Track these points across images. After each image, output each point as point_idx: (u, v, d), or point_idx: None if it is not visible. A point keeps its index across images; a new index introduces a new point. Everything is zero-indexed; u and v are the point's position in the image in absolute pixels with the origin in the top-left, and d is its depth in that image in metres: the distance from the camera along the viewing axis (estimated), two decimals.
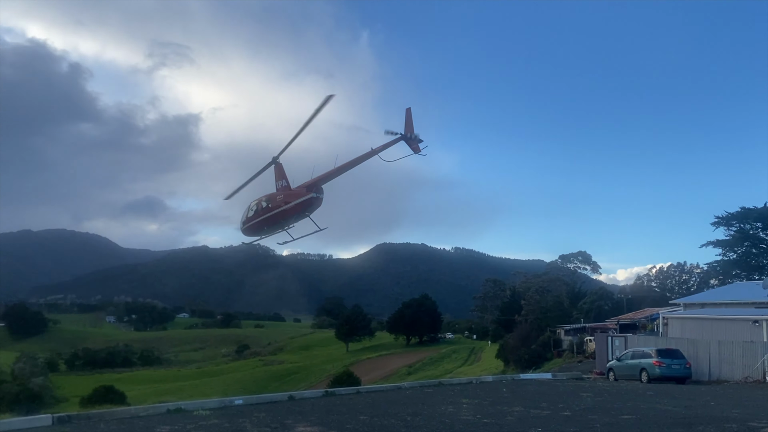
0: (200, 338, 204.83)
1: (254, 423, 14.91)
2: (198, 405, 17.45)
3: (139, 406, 17.07)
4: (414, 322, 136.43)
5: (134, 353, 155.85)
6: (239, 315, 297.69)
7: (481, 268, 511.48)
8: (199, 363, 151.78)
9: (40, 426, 14.66)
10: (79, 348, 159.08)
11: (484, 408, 18.19)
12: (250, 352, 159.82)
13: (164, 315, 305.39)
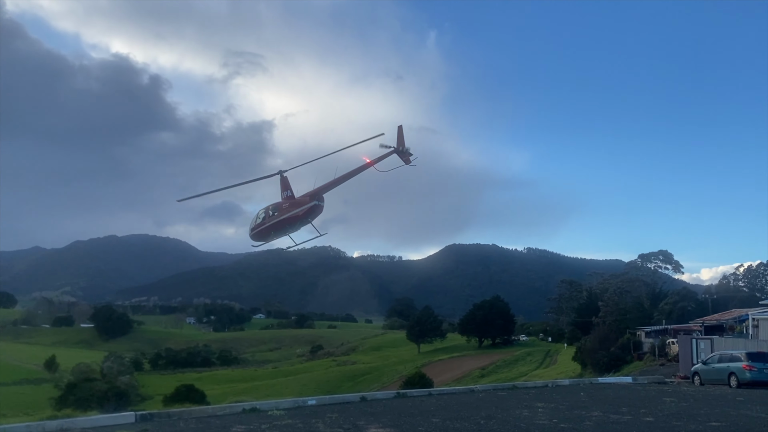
0: (276, 338, 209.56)
1: (327, 424, 14.98)
2: (272, 405, 17.72)
3: (216, 406, 17.51)
4: (486, 323, 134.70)
5: (213, 353, 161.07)
6: (313, 316, 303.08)
7: (555, 269, 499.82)
8: (275, 363, 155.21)
9: (124, 423, 15.25)
10: (162, 348, 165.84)
11: (560, 412, 17.61)
12: (323, 353, 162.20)
13: (241, 316, 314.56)
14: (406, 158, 21.45)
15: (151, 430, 14.17)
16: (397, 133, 20.68)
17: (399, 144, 20.97)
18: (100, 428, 14.70)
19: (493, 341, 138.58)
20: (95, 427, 14.79)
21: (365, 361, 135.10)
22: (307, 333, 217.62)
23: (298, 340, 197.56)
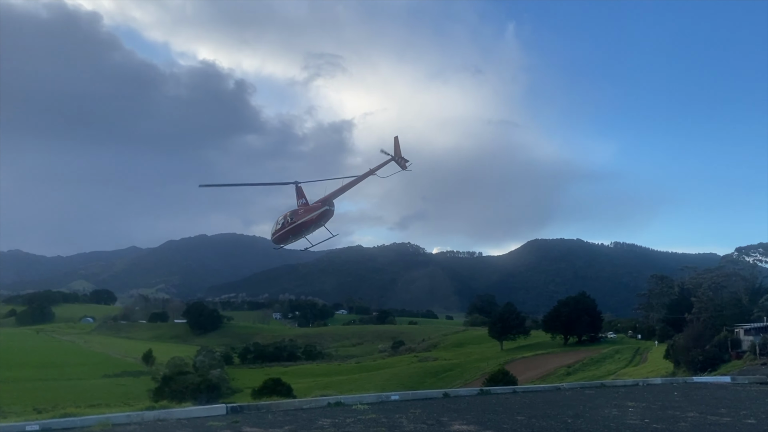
0: (358, 334, 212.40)
1: (410, 419, 15.04)
2: (356, 399, 17.97)
3: (302, 399, 17.96)
4: (571, 320, 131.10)
5: (298, 348, 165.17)
6: (393, 312, 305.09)
7: (644, 264, 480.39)
8: (358, 358, 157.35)
9: (216, 415, 15.89)
10: (250, 343, 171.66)
11: (653, 412, 16.89)
12: (405, 348, 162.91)
13: (324, 311, 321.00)
14: (402, 165, 23.63)
15: (241, 422, 14.69)
16: (394, 143, 23.41)
17: (396, 153, 23.34)
18: (193, 419, 15.38)
19: (579, 338, 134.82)
20: (189, 419, 15.49)
21: (447, 358, 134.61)
22: (388, 329, 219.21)
23: (380, 336, 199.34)
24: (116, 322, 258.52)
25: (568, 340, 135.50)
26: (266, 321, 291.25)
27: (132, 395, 79.97)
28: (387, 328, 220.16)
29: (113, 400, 68.87)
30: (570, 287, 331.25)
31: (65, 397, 75.29)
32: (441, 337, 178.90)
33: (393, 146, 23.54)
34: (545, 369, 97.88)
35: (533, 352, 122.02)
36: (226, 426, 14.11)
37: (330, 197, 23.50)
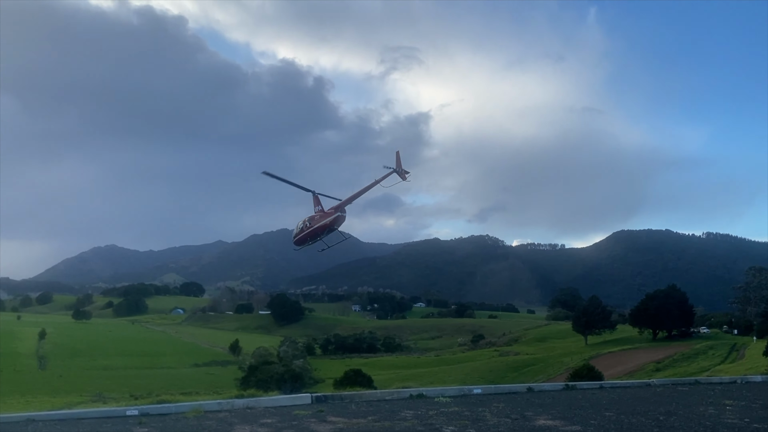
0: (437, 327, 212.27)
1: (494, 413, 14.84)
2: (438, 392, 17.91)
3: (384, 390, 18.09)
4: (660, 314, 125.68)
5: (378, 340, 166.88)
6: (472, 305, 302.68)
7: (740, 255, 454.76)
8: (437, 351, 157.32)
9: (300, 404, 16.26)
10: (331, 334, 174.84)
11: (753, 411, 15.91)
12: (485, 342, 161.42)
13: (402, 304, 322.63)
14: (402, 176, 26.26)
15: (326, 411, 14.96)
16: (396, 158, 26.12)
17: (397, 166, 26.07)
18: (280, 408, 15.79)
19: (669, 333, 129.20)
20: (276, 407, 15.92)
21: (529, 352, 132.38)
22: (467, 322, 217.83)
23: (459, 329, 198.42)
24: (204, 313, 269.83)
25: (657, 335, 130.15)
26: (346, 313, 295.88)
27: (220, 384, 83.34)
28: (466, 322, 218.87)
29: (203, 388, 72.09)
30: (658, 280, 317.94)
31: (159, 385, 79.39)
32: (522, 331, 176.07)
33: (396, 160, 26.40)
34: (633, 365, 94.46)
35: (620, 347, 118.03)
36: (312, 415, 14.41)
37: (341, 205, 26.03)
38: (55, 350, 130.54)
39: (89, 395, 62.58)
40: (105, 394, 64.16)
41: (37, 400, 56.91)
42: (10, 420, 14.07)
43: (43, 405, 47.72)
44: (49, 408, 34.42)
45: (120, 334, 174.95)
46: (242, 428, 12.88)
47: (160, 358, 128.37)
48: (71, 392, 69.66)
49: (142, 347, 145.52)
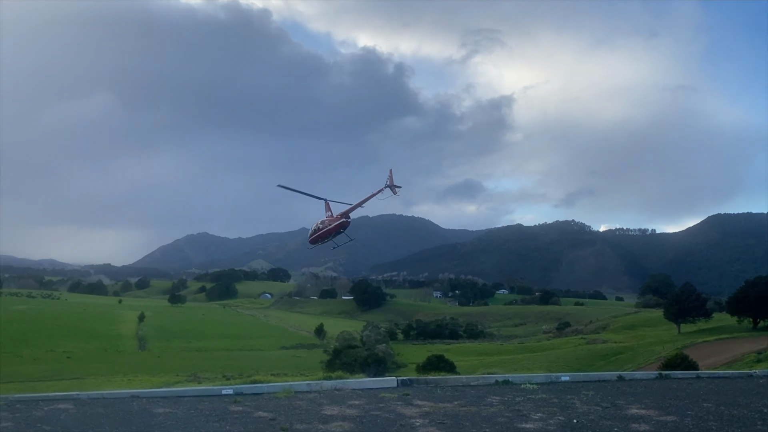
0: (520, 314, 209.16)
1: (583, 401, 14.51)
2: (525, 379, 17.67)
3: (470, 376, 18.02)
4: (762, 302, 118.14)
5: (460, 326, 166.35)
6: (557, 292, 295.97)
7: None
8: (521, 338, 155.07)
9: (387, 387, 16.48)
10: (413, 320, 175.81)
11: None
12: (570, 330, 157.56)
13: (485, 291, 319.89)
14: (393, 191, 29.52)
15: (412, 395, 15.10)
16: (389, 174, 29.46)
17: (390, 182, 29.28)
18: (367, 390, 16.08)
19: None
20: (363, 389, 16.22)
21: (617, 340, 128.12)
22: (552, 309, 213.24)
23: (544, 317, 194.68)
24: (291, 298, 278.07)
25: (758, 324, 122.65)
26: (427, 299, 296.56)
27: (306, 366, 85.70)
28: (551, 309, 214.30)
29: (290, 370, 74.35)
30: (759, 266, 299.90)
31: (249, 366, 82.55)
32: (610, 318, 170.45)
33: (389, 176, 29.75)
34: (731, 354, 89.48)
35: (716, 336, 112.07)
36: (398, 398, 14.58)
37: (346, 212, 30.05)
38: (154, 332, 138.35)
39: (185, 375, 65.98)
40: (199, 374, 67.43)
41: (138, 378, 60.61)
42: (116, 396, 15.07)
43: (144, 383, 50.79)
44: (149, 386, 36.57)
45: (212, 318, 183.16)
46: (331, 409, 13.22)
47: (249, 341, 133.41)
48: (169, 372, 73.69)
49: (233, 330, 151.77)
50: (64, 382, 59.94)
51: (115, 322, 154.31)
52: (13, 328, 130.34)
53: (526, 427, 11.44)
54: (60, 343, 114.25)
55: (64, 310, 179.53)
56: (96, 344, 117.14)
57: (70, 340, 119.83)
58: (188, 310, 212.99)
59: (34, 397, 14.96)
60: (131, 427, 11.37)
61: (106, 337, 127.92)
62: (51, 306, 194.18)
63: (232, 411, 13.07)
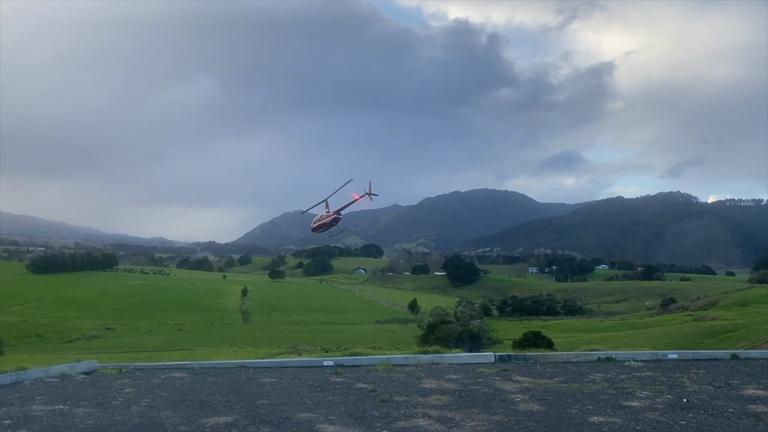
0: (621, 290, 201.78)
1: (693, 380, 13.81)
2: (629, 356, 17.04)
3: (570, 352, 17.61)
4: None
5: (557, 302, 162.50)
6: (661, 267, 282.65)
7: None
8: (622, 315, 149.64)
9: (484, 362, 16.39)
10: (508, 296, 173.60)
11: None
12: (676, 306, 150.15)
13: (583, 266, 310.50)
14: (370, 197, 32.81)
15: (510, 370, 14.94)
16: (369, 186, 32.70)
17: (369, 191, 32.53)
18: (464, 365, 16.07)
19: None
20: (460, 364, 16.23)
21: (728, 317, 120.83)
22: (655, 285, 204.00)
23: (646, 293, 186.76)
24: (384, 274, 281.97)
25: None
26: (522, 275, 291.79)
27: (401, 340, 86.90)
28: (654, 285, 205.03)
29: (385, 344, 75.66)
30: None
31: (345, 339, 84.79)
32: (720, 294, 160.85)
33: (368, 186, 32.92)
34: None
35: None
36: (496, 373, 14.47)
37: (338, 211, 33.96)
38: (256, 306, 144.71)
39: (286, 347, 68.57)
40: (299, 346, 69.93)
41: (243, 350, 63.64)
42: (226, 366, 15.92)
43: (248, 354, 53.29)
44: (253, 357, 38.37)
45: (309, 292, 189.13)
46: (429, 382, 13.32)
47: (345, 315, 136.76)
48: (271, 344, 76.85)
49: (329, 304, 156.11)
50: (176, 352, 64.02)
51: (220, 296, 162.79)
52: (129, 302, 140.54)
53: (632, 405, 11.04)
54: (171, 316, 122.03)
55: (173, 285, 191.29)
56: (203, 317, 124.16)
57: (180, 313, 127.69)
58: (287, 285, 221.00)
59: (152, 366, 16.08)
60: (240, 395, 11.96)
61: (212, 311, 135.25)
62: (162, 281, 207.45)
63: (334, 382, 13.46)
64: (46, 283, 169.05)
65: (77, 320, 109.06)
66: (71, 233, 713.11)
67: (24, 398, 11.47)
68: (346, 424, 9.53)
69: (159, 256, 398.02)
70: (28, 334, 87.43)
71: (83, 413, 10.22)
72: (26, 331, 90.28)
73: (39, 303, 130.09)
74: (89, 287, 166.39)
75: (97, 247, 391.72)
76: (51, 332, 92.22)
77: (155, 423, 9.53)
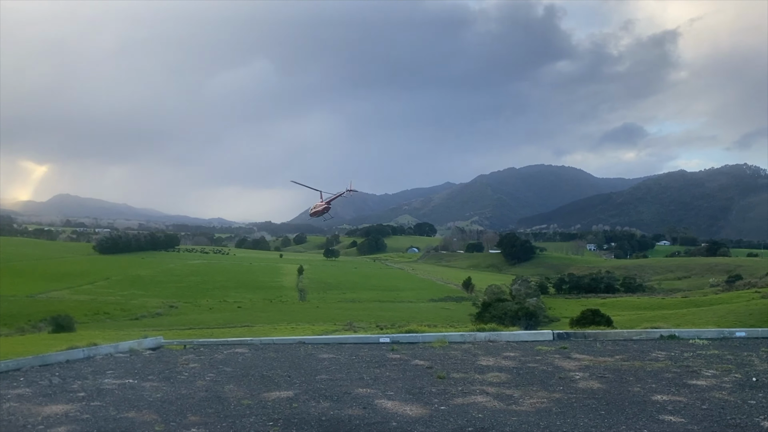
0: (684, 266, 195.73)
1: (763, 358, 13.30)
2: (693, 334, 16.53)
3: (631, 330, 17.18)
4: None
5: (616, 280, 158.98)
6: (727, 242, 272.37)
7: None
8: (684, 292, 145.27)
9: (542, 340, 16.21)
10: (565, 273, 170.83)
11: None
12: (742, 283, 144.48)
13: (643, 243, 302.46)
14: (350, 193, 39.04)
15: (569, 348, 14.73)
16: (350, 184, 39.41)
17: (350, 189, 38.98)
18: (521, 342, 15.94)
19: None
20: (518, 341, 16.10)
21: None
22: (720, 261, 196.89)
23: (711, 269, 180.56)
24: (437, 252, 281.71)
25: None
26: (580, 252, 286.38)
27: (455, 318, 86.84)
28: (719, 261, 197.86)
29: (439, 322, 75.79)
30: None
31: (400, 317, 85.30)
32: None
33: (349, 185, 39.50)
34: None
35: None
36: (555, 351, 14.29)
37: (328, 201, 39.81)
38: (311, 284, 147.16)
39: (341, 324, 69.60)
40: (355, 323, 70.82)
41: (301, 327, 64.93)
42: (285, 342, 16.27)
43: (306, 331, 54.34)
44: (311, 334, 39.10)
45: (364, 271, 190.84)
46: (486, 359, 13.27)
47: (399, 293, 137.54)
48: (327, 321, 78.11)
49: (383, 282, 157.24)
50: (236, 329, 65.91)
51: (277, 275, 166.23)
52: (191, 281, 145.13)
53: (697, 383, 10.72)
54: (231, 294, 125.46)
55: (232, 264, 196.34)
56: (262, 295, 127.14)
57: (239, 291, 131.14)
58: (341, 263, 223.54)
59: (215, 342, 16.59)
60: (300, 370, 12.21)
61: (270, 289, 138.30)
62: (222, 260, 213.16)
63: (390, 358, 13.58)
64: (113, 263, 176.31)
65: (142, 298, 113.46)
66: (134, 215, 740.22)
67: (96, 372, 12.03)
68: (404, 399, 9.60)
69: (218, 236, 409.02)
70: (97, 312, 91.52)
71: (151, 387, 10.65)
72: (95, 309, 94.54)
73: (106, 282, 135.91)
74: (153, 267, 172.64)
75: (159, 228, 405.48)
76: (118, 310, 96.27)
77: (219, 397, 9.84)
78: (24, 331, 65.27)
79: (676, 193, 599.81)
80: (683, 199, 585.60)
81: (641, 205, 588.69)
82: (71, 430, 7.87)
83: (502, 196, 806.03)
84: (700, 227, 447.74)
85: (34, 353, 14.42)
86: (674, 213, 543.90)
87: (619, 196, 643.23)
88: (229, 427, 8.05)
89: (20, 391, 10.31)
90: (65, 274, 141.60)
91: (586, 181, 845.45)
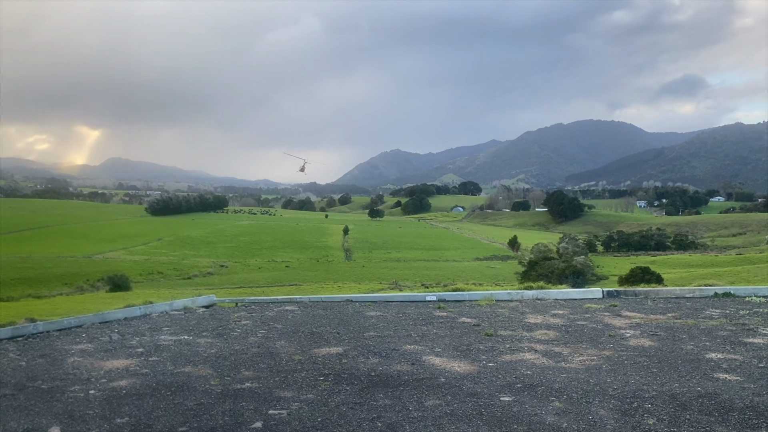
0: (739, 223, 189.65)
1: None
2: (750, 291, 16.03)
3: (684, 288, 16.76)
4: None
5: (667, 237, 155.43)
6: None
7: None
8: (739, 249, 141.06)
9: (591, 298, 16.00)
10: (613, 231, 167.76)
11: None
12: None
13: (696, 199, 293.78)
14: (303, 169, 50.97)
15: (620, 306, 14.51)
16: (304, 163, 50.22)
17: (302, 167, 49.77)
18: (570, 300, 15.77)
19: None
20: (566, 299, 15.93)
21: None
22: None
23: (767, 225, 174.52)
24: (482, 211, 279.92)
25: None
26: (629, 209, 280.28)
27: (501, 277, 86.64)
28: None
29: (485, 280, 75.75)
30: None
31: (445, 276, 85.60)
32: None
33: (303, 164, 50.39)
34: None
35: None
36: (605, 309, 14.09)
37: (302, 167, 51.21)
38: (357, 244, 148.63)
39: (387, 283, 70.32)
40: (400, 282, 71.45)
41: (347, 285, 65.88)
42: (333, 300, 16.52)
43: (352, 289, 55.13)
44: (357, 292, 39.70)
45: (408, 231, 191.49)
46: (534, 317, 13.19)
47: (444, 252, 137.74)
48: (372, 280, 79.04)
49: (427, 242, 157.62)
50: (285, 287, 67.35)
51: (323, 235, 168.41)
52: (240, 241, 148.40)
53: (754, 341, 10.43)
54: (279, 254, 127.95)
55: (280, 224, 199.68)
56: (309, 255, 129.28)
57: (287, 251, 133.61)
58: (386, 223, 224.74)
59: (265, 300, 16.96)
60: (348, 327, 12.40)
61: (316, 249, 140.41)
62: (269, 221, 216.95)
63: (437, 316, 13.64)
64: (164, 224, 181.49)
65: (194, 258, 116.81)
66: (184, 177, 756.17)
67: (153, 329, 12.48)
68: (452, 356, 9.65)
69: (265, 197, 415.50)
70: (151, 272, 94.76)
71: (206, 343, 10.99)
72: (149, 268, 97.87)
73: (159, 243, 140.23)
74: (203, 228, 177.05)
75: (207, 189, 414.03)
76: (171, 269, 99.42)
77: (271, 352, 10.09)
78: (83, 290, 68.38)
79: (733, 147, 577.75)
80: (740, 153, 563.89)
81: (695, 160, 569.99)
82: (132, 384, 8.21)
83: (549, 153, 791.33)
84: (758, 182, 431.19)
85: (94, 311, 15.04)
86: (730, 168, 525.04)
87: (671, 151, 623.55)
88: (282, 381, 8.25)
89: (83, 346, 10.79)
90: (120, 236, 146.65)
91: (637, 136, 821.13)
